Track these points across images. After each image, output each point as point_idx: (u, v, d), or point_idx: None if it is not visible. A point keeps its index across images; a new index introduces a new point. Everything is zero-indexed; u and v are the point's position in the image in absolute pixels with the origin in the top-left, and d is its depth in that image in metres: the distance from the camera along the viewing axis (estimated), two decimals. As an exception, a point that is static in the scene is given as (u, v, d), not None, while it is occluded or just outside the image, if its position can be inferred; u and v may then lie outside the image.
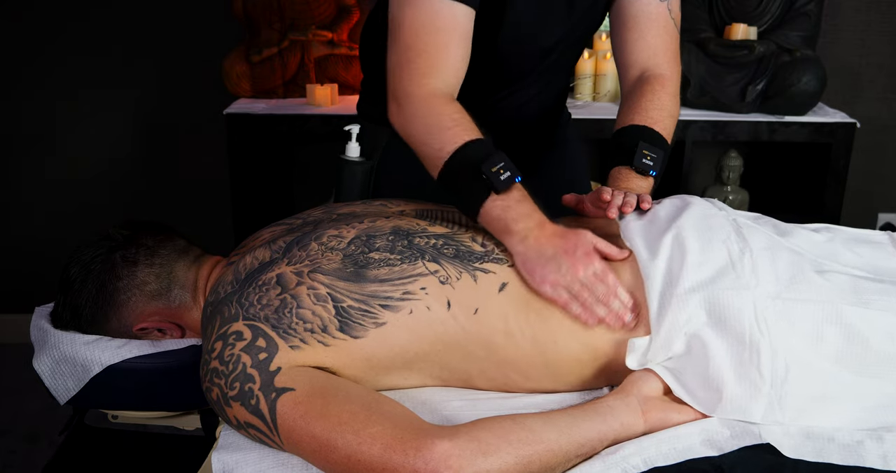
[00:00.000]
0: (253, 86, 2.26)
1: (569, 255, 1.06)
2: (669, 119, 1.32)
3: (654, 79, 1.35)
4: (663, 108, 1.31)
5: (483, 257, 1.09)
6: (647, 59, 1.36)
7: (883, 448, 0.95)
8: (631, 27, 1.36)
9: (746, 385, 0.98)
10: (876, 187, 2.61)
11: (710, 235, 1.09)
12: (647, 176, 1.25)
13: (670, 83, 1.35)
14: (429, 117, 1.17)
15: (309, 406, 0.94)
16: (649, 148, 1.25)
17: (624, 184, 1.25)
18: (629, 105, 1.33)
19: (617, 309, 1.04)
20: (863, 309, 1.00)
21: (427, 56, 1.19)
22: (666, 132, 1.30)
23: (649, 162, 1.25)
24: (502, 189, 1.10)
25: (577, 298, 1.05)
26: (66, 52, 2.47)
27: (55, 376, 1.15)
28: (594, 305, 1.04)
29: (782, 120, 2.18)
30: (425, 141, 1.17)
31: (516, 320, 1.05)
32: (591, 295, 1.04)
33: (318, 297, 1.02)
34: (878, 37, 2.48)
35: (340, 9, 2.35)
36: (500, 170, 1.11)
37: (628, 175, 1.25)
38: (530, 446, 0.91)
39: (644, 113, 1.30)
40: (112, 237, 1.18)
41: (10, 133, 2.55)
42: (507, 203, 1.10)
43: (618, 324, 1.04)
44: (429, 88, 1.18)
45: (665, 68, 1.36)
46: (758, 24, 2.31)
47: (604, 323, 1.04)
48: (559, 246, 1.06)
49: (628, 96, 1.36)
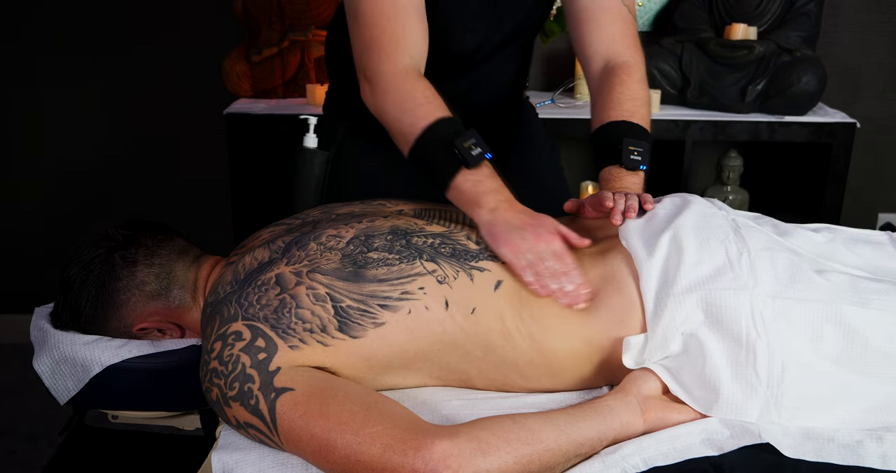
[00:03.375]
0: (253, 86, 2.26)
1: (533, 229, 1.09)
2: (644, 107, 1.33)
3: (618, 68, 1.35)
4: (635, 98, 1.32)
5: (478, 255, 1.10)
6: (607, 47, 1.36)
7: (883, 447, 0.95)
8: (585, 19, 1.37)
9: (743, 385, 0.98)
10: (876, 187, 2.61)
11: (709, 235, 1.09)
12: (638, 170, 1.26)
13: (635, 69, 1.35)
14: (400, 93, 1.20)
15: (308, 406, 0.94)
16: (634, 143, 1.26)
17: (618, 184, 1.26)
18: (602, 100, 1.34)
19: (568, 289, 1.06)
20: (862, 308, 1.00)
21: (391, 32, 1.22)
22: (644, 121, 1.31)
23: (637, 157, 1.26)
24: (473, 164, 1.14)
25: (534, 267, 1.07)
26: (66, 52, 2.47)
27: (55, 376, 1.15)
28: (547, 278, 1.06)
29: (782, 120, 2.18)
30: (398, 117, 1.20)
31: (512, 319, 1.05)
32: (547, 270, 1.07)
33: (317, 297, 1.02)
34: (878, 37, 2.48)
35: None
36: (471, 146, 1.15)
37: (619, 174, 1.26)
38: (530, 445, 0.91)
39: (619, 106, 1.31)
40: (112, 237, 1.18)
41: (10, 133, 2.55)
42: (477, 177, 1.14)
43: (566, 301, 1.06)
44: (397, 64, 1.21)
45: (627, 55, 1.36)
46: (758, 24, 2.31)
47: (553, 296, 1.06)
48: (525, 221, 1.10)
49: (599, 90, 1.36)
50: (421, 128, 1.16)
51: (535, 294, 1.06)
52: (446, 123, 1.17)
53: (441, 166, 1.15)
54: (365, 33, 1.23)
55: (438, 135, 1.16)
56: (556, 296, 1.06)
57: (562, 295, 1.06)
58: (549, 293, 1.06)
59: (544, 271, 1.06)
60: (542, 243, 1.08)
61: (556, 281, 1.06)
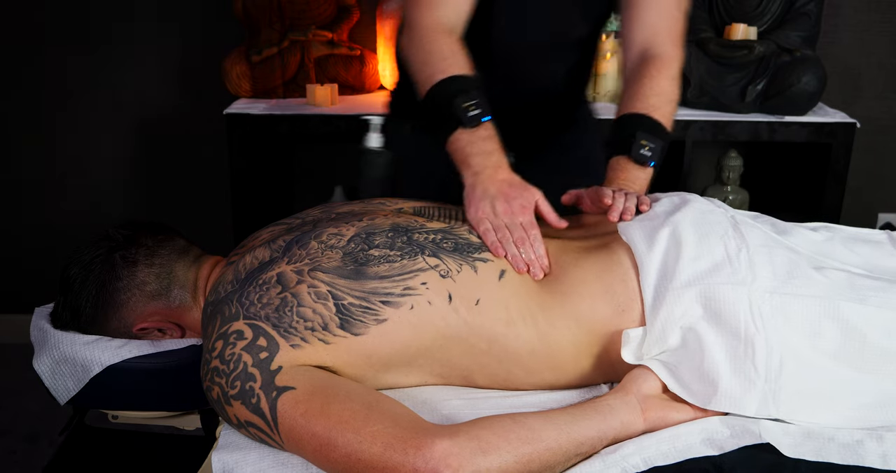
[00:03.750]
0: (253, 86, 2.26)
1: (507, 200, 1.13)
2: (669, 105, 1.33)
3: (653, 60, 1.35)
4: (662, 94, 1.32)
5: (481, 247, 1.10)
6: (647, 38, 1.37)
7: (883, 447, 0.95)
8: (633, 4, 1.38)
9: (741, 378, 0.98)
10: (876, 187, 2.61)
11: (707, 230, 1.09)
12: (646, 166, 1.27)
13: (670, 65, 1.36)
14: (428, 45, 1.26)
15: (309, 405, 0.94)
16: (647, 138, 1.27)
17: (623, 175, 1.27)
18: (629, 91, 1.35)
19: (527, 256, 1.09)
20: (860, 305, 1.00)
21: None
22: (665, 119, 1.31)
23: (647, 153, 1.27)
24: (468, 124, 1.19)
25: (497, 231, 1.11)
26: (67, 52, 2.47)
27: (55, 376, 1.15)
28: (507, 243, 1.10)
29: (782, 120, 2.18)
30: (421, 68, 1.27)
31: (517, 308, 1.06)
32: (507, 237, 1.10)
33: (318, 295, 1.02)
34: (878, 37, 2.48)
35: (340, 9, 2.35)
36: (470, 107, 1.19)
37: (626, 165, 1.27)
38: (530, 445, 0.92)
39: (644, 100, 1.31)
40: (112, 237, 1.18)
41: (10, 133, 2.55)
42: (471, 138, 1.19)
43: (521, 266, 1.09)
44: (434, 18, 1.28)
45: (665, 48, 1.36)
46: (758, 24, 2.31)
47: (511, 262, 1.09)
48: (502, 190, 1.14)
49: (629, 79, 1.37)
50: (434, 82, 1.22)
51: (495, 254, 1.09)
52: (457, 81, 1.21)
53: (443, 120, 1.21)
54: None
55: (445, 91, 1.21)
56: (512, 261, 1.09)
57: (518, 260, 1.09)
58: (507, 257, 1.09)
59: (505, 236, 1.10)
60: (509, 214, 1.12)
61: (515, 248, 1.10)
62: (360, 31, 2.41)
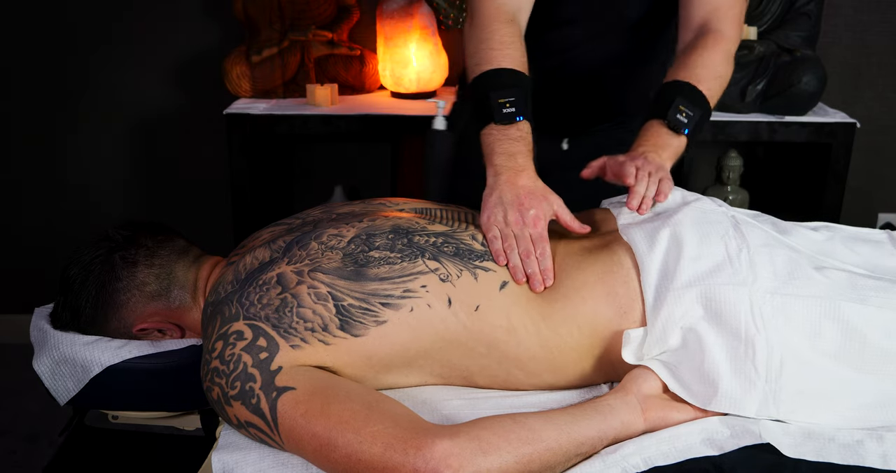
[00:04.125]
0: (253, 86, 2.26)
1: (520, 210, 1.11)
2: (716, 80, 1.28)
3: (709, 34, 1.31)
4: (711, 67, 1.27)
5: (483, 256, 1.10)
6: (706, 14, 1.32)
7: (883, 447, 0.95)
8: None
9: (742, 379, 0.98)
10: (876, 187, 2.61)
11: (708, 230, 1.09)
12: (680, 134, 1.23)
13: (725, 42, 1.30)
14: (484, 33, 1.25)
15: (309, 406, 0.94)
16: (686, 104, 1.23)
17: (653, 140, 1.23)
18: (679, 61, 1.31)
19: (530, 269, 1.08)
20: (860, 305, 1.00)
21: None
22: (710, 93, 1.26)
23: (683, 119, 1.22)
24: (500, 121, 1.18)
25: (503, 240, 1.10)
26: (66, 52, 2.47)
27: (55, 377, 1.15)
28: (511, 252, 1.08)
29: (782, 120, 2.17)
30: (472, 55, 1.26)
31: (519, 317, 1.06)
32: (513, 246, 1.09)
33: (318, 296, 1.02)
34: (878, 37, 2.47)
35: (340, 9, 2.35)
36: (506, 104, 1.18)
37: (659, 130, 1.23)
38: (530, 445, 0.91)
39: (690, 70, 1.27)
40: (111, 238, 1.18)
41: (10, 133, 2.55)
42: (500, 135, 1.17)
43: (520, 277, 1.07)
44: (496, 6, 1.26)
45: (723, 25, 1.31)
46: (758, 24, 2.31)
47: (511, 271, 1.08)
48: (518, 198, 1.12)
49: (680, 53, 1.33)
50: (481, 71, 1.22)
51: (497, 262, 1.08)
52: (501, 74, 1.20)
53: (480, 112, 1.20)
54: None
55: (486, 83, 1.20)
56: (512, 271, 1.08)
57: (518, 270, 1.08)
58: (508, 266, 1.08)
59: (510, 245, 1.09)
60: (520, 224, 1.10)
61: (518, 259, 1.08)
62: (360, 31, 2.41)
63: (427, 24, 2.23)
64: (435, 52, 2.26)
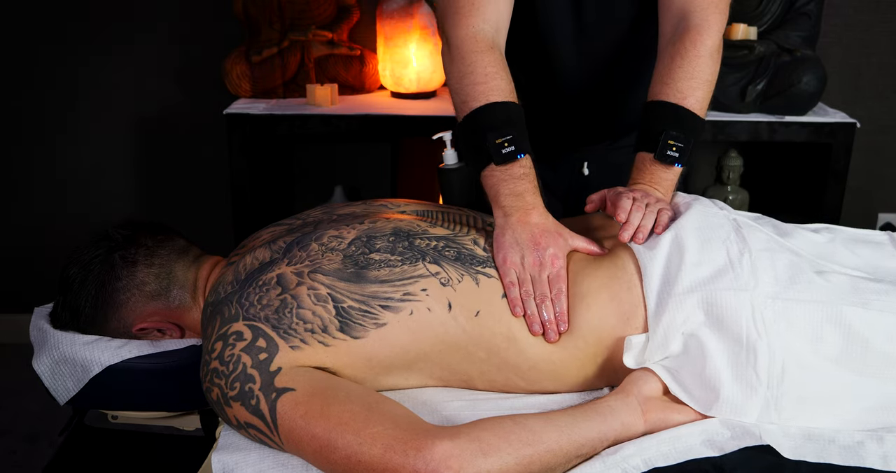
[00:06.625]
0: (253, 86, 2.26)
1: (537, 250, 1.08)
2: (701, 88, 1.20)
3: (687, 32, 1.21)
4: (694, 76, 1.19)
5: (485, 262, 1.10)
6: (684, 4, 1.23)
7: (883, 448, 0.95)
8: None
9: (743, 385, 0.98)
10: (876, 187, 2.61)
11: (710, 235, 1.09)
12: (673, 166, 1.19)
13: (706, 36, 1.21)
14: (464, 64, 1.18)
15: (309, 407, 0.94)
16: (675, 136, 1.17)
17: (648, 177, 1.19)
18: (660, 70, 1.23)
19: (544, 317, 1.05)
20: (862, 309, 1.00)
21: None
22: (698, 105, 1.19)
23: (674, 153, 1.18)
24: (500, 162, 1.12)
25: (521, 285, 1.07)
26: (66, 52, 2.47)
27: (55, 376, 1.15)
28: (528, 300, 1.06)
29: (782, 120, 2.17)
30: (457, 89, 1.19)
31: (521, 327, 1.05)
32: (530, 292, 1.06)
33: (318, 298, 1.02)
34: (878, 37, 2.47)
35: (340, 9, 2.35)
36: (504, 143, 1.12)
37: (651, 167, 1.19)
38: (530, 446, 0.91)
39: (673, 84, 1.19)
40: (111, 237, 1.18)
41: (10, 133, 2.55)
42: (504, 176, 1.13)
43: (536, 328, 1.05)
44: (471, 29, 1.20)
45: (702, 16, 1.22)
46: (758, 24, 2.31)
47: (527, 321, 1.05)
48: (533, 238, 1.09)
49: (661, 57, 1.25)
50: (470, 109, 1.16)
51: (513, 311, 1.06)
52: (494, 110, 1.14)
53: (477, 153, 1.15)
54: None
55: (479, 123, 1.14)
56: (527, 321, 1.05)
57: (534, 321, 1.05)
58: (521, 316, 1.05)
59: (526, 292, 1.06)
60: (536, 267, 1.07)
61: (533, 307, 1.05)
62: (360, 31, 2.40)
63: (427, 24, 2.23)
64: (435, 52, 2.26)
